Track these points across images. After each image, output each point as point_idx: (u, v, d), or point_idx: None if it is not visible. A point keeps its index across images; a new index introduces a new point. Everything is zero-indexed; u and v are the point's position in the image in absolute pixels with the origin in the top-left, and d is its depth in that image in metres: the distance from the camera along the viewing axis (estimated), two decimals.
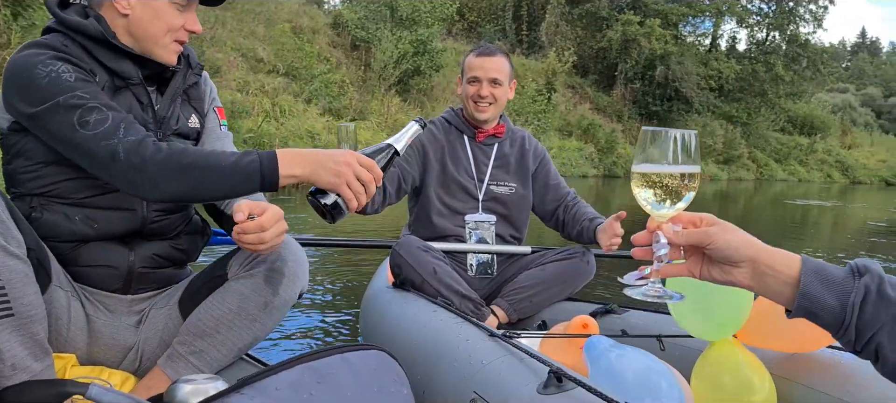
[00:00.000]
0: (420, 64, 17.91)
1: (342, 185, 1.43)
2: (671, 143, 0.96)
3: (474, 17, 29.92)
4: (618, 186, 19.84)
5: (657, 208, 0.99)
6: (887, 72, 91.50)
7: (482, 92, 2.60)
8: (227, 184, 1.42)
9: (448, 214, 2.68)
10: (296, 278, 1.64)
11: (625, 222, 2.52)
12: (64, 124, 1.42)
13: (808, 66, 34.28)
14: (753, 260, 0.94)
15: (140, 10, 1.57)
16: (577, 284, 2.64)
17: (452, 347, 1.82)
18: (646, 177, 0.98)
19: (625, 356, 1.57)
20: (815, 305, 0.91)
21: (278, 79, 13.95)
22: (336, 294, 4.09)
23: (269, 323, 1.65)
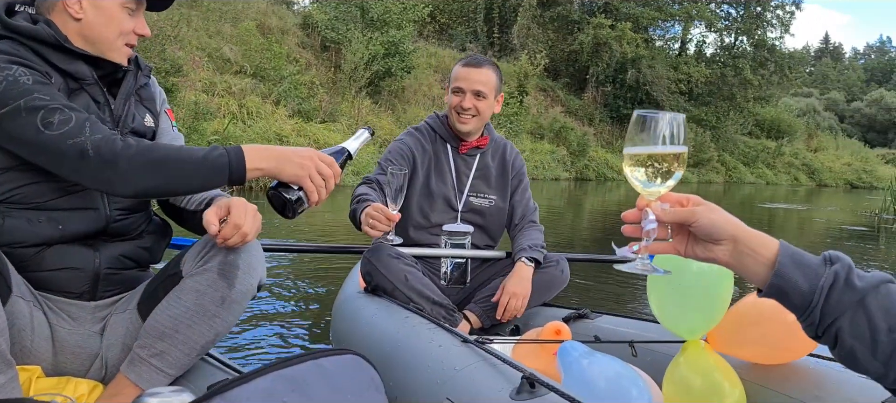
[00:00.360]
0: (391, 65, 17.72)
1: (306, 178, 1.50)
2: (661, 125, 1.02)
3: (445, 19, 29.82)
4: (590, 189, 19.82)
5: (648, 186, 1.05)
6: (849, 77, 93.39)
7: (465, 103, 2.58)
8: (198, 178, 1.46)
9: (426, 225, 2.69)
10: (251, 269, 1.63)
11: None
12: (27, 127, 1.41)
13: (775, 71, 34.67)
14: (734, 238, 1.00)
15: (92, 15, 1.59)
16: (551, 292, 2.64)
17: (425, 353, 1.82)
18: (637, 157, 1.04)
19: (596, 362, 1.59)
20: (788, 285, 0.96)
21: (246, 80, 13.69)
22: (307, 299, 4.06)
23: (229, 317, 1.63)
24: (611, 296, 4.57)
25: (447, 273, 2.67)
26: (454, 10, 30.24)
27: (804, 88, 63.49)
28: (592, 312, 2.50)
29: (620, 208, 8.95)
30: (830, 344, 0.96)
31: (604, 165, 24.76)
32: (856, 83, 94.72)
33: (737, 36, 34.46)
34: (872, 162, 42.02)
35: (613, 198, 17.18)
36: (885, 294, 0.93)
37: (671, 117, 1.03)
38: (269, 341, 3.18)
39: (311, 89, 15.29)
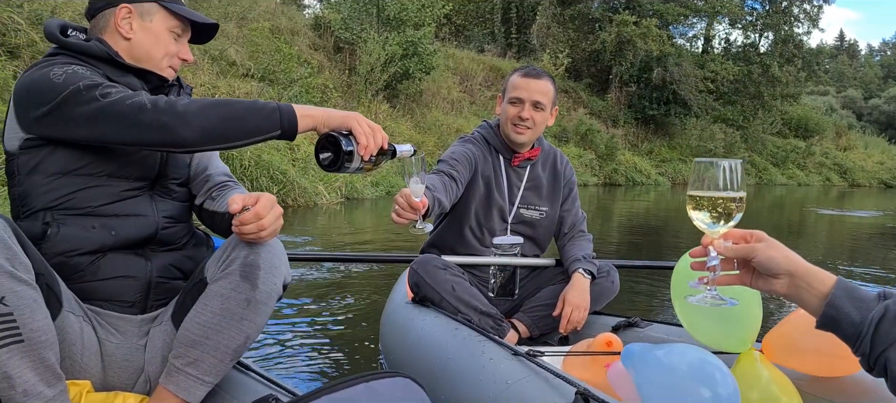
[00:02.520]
0: (409, 66, 16.52)
1: (353, 120, 1.59)
2: (721, 172, 1.16)
3: (461, 20, 28.65)
4: (619, 195, 18.65)
5: (710, 227, 1.18)
6: (866, 74, 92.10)
7: (523, 114, 2.56)
8: (251, 122, 1.52)
9: (480, 235, 2.68)
10: (273, 269, 1.63)
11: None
12: (89, 100, 1.50)
13: (802, 68, 33.48)
14: (791, 274, 1.10)
15: (141, 35, 1.73)
16: (600, 303, 2.61)
17: (475, 367, 1.82)
18: (700, 200, 1.18)
19: (673, 350, 1.53)
20: (840, 315, 1.05)
21: (252, 83, 12.47)
22: (353, 309, 4.07)
23: (257, 319, 1.63)
24: (661, 303, 4.52)
25: (495, 284, 2.67)
26: (470, 11, 29.05)
27: (820, 86, 62.26)
28: (643, 320, 2.46)
29: (651, 216, 11.06)
30: (882, 374, 1.01)
31: (633, 169, 23.48)
32: (873, 80, 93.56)
33: (762, 32, 33.19)
34: None
35: (642, 205, 16.12)
36: None
37: (729, 164, 1.17)
38: (319, 352, 3.18)
39: (325, 93, 14.09)
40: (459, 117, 19.01)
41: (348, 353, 3.21)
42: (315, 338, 3.42)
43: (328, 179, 10.87)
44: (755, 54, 32.40)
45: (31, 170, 1.61)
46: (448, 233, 2.73)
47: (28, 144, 1.59)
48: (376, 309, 3.49)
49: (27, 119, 1.57)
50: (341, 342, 3.37)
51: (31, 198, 1.61)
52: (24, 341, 1.37)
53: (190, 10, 1.82)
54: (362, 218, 10.11)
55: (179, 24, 1.79)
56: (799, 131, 36.34)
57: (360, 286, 4.75)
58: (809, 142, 34.65)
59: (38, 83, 1.55)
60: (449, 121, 18.04)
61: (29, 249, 1.43)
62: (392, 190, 12.90)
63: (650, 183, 23.85)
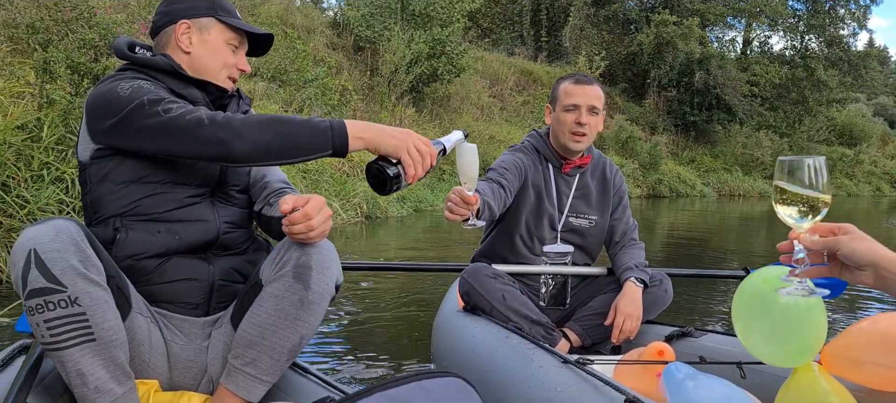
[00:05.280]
0: (438, 67, 14.93)
1: (403, 150, 1.60)
2: (806, 170, 1.18)
3: (488, 22, 27.04)
4: (664, 208, 16.97)
5: (798, 221, 1.21)
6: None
7: (581, 119, 2.56)
8: (304, 139, 1.56)
9: (530, 244, 2.68)
10: (324, 269, 1.68)
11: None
12: (152, 115, 1.59)
13: (848, 72, 31.65)
14: (875, 265, 1.14)
15: (200, 49, 1.85)
16: (654, 311, 2.60)
17: (525, 374, 1.85)
18: (786, 197, 1.21)
19: (703, 384, 1.55)
20: None
21: (261, 83, 10.88)
22: (406, 317, 4.12)
23: (311, 319, 1.69)
24: (714, 313, 4.46)
25: (546, 293, 2.68)
26: (497, 13, 27.42)
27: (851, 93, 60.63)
28: (697, 330, 2.43)
29: (699, 228, 11.21)
30: None
31: (676, 179, 21.73)
32: None
33: (805, 33, 31.36)
34: None
35: (688, 217, 14.71)
36: None
37: (815, 160, 1.19)
38: (373, 358, 3.22)
39: (344, 96, 12.50)
40: (491, 124, 17.40)
41: (400, 360, 3.24)
42: (367, 346, 3.47)
43: (345, 194, 9.30)
44: (799, 57, 30.61)
45: (101, 178, 1.71)
46: (498, 242, 2.73)
47: (98, 155, 1.71)
48: (428, 318, 3.53)
49: (96, 130, 1.68)
50: (393, 349, 3.43)
51: (102, 205, 1.71)
52: (96, 340, 1.47)
53: (245, 23, 1.92)
54: (386, 239, 8.54)
55: (235, 36, 1.89)
56: (844, 138, 34.40)
57: (412, 295, 4.78)
58: (856, 150, 32.66)
59: (106, 96, 1.65)
60: (480, 127, 16.43)
61: (100, 252, 1.52)
62: (420, 205, 11.34)
63: (695, 194, 22.12)
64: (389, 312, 4.26)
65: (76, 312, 1.43)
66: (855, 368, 1.68)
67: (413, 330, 3.82)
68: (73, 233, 1.45)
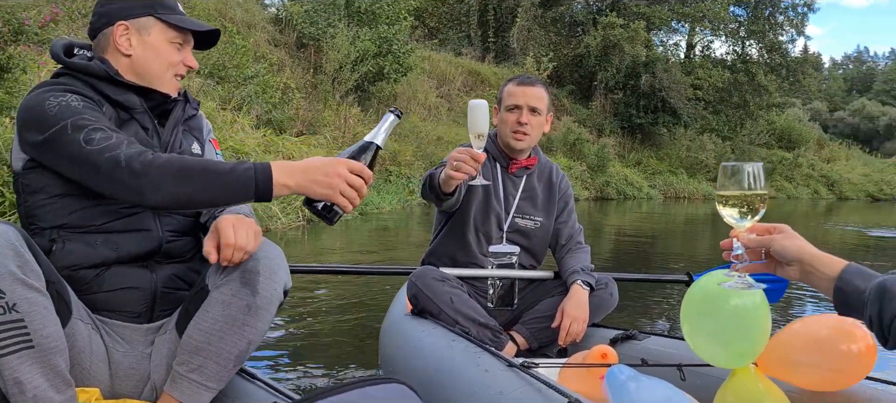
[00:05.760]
0: (384, 66, 14.49)
1: (335, 196, 1.53)
2: (746, 175, 1.32)
3: (435, 22, 26.68)
4: (612, 210, 16.89)
5: (739, 221, 1.34)
6: (831, 86, 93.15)
7: (522, 119, 2.60)
8: (223, 190, 1.50)
9: (479, 242, 2.69)
10: (273, 274, 1.66)
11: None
12: (72, 143, 1.53)
13: (787, 77, 32.37)
14: (801, 260, 1.27)
15: (141, 50, 1.75)
16: (598, 315, 2.62)
17: (470, 377, 1.85)
18: (728, 198, 1.34)
19: (644, 386, 1.56)
20: (848, 287, 1.17)
21: (198, 80, 10.27)
22: (354, 321, 4.08)
23: (259, 324, 1.66)
24: (658, 316, 4.49)
25: (494, 294, 2.68)
26: (444, 12, 27.09)
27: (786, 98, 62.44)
28: (641, 333, 2.47)
29: (645, 230, 11.71)
30: None
31: (624, 182, 21.73)
32: (837, 93, 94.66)
33: (746, 39, 31.92)
34: (889, 172, 39.46)
35: (635, 219, 14.74)
36: None
37: (753, 166, 1.32)
38: (321, 364, 3.21)
39: (286, 94, 11.96)
40: (438, 124, 17.05)
41: (348, 365, 3.22)
42: (315, 351, 3.44)
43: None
44: (740, 62, 31.14)
45: (35, 190, 1.66)
46: (448, 241, 2.73)
47: (29, 165, 1.65)
48: (377, 322, 3.40)
49: (25, 142, 1.63)
50: (341, 354, 3.42)
51: (37, 216, 1.67)
52: (34, 347, 1.42)
53: (188, 19, 1.82)
54: (330, 243, 8.09)
55: (178, 34, 1.79)
56: (783, 142, 35.12)
57: (360, 299, 4.74)
58: (795, 154, 33.36)
59: (34, 110, 1.60)
60: (427, 128, 16.06)
61: (40, 257, 1.47)
62: (366, 208, 10.90)
63: (642, 196, 22.17)
64: (338, 317, 4.23)
65: (14, 318, 1.40)
66: (789, 369, 1.74)
67: (361, 334, 3.81)
68: (12, 238, 1.42)
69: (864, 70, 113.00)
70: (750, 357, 1.65)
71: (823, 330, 1.69)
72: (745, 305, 1.53)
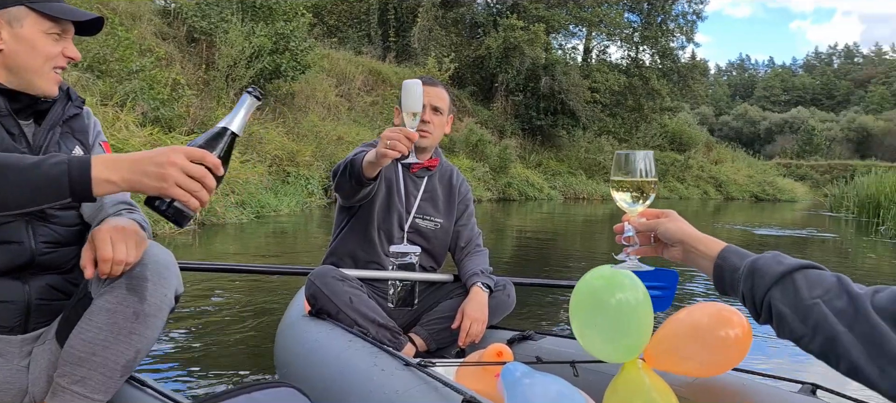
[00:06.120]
0: (281, 63, 13.91)
1: (170, 188, 1.36)
2: (637, 162, 1.40)
3: (334, 20, 26.07)
4: (514, 211, 16.90)
5: (631, 206, 1.42)
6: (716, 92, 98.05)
7: (425, 116, 2.59)
8: (27, 191, 1.33)
9: (380, 241, 2.69)
10: (162, 280, 1.60)
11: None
12: None
13: (678, 82, 33.63)
14: (682, 242, 1.33)
15: (14, 44, 1.61)
16: (497, 317, 2.67)
17: (366, 377, 1.84)
18: (621, 184, 1.42)
19: (538, 382, 1.63)
20: (726, 264, 1.25)
21: (75, 73, 9.47)
22: (251, 324, 3.98)
23: (148, 332, 1.60)
24: (555, 318, 4.59)
25: (394, 294, 2.65)
26: (343, 10, 26.51)
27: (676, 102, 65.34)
28: (537, 334, 2.51)
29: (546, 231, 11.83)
30: (768, 318, 1.16)
31: (525, 182, 21.82)
32: (722, 98, 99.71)
33: (640, 44, 32.94)
34: (770, 173, 41.57)
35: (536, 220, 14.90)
36: (810, 274, 1.13)
37: (644, 154, 1.40)
38: (216, 369, 3.14)
39: (175, 90, 11.24)
40: (339, 124, 16.54)
41: (245, 370, 3.16)
42: (210, 357, 3.34)
43: None
44: (635, 66, 32.07)
45: None
46: (350, 238, 2.72)
47: None
48: (274, 324, 3.15)
49: None
50: (237, 359, 3.34)
51: None
52: None
53: (65, 7, 1.67)
54: (223, 247, 7.61)
55: (55, 24, 1.65)
56: (675, 144, 36.35)
57: (258, 302, 4.60)
58: (686, 156, 34.61)
59: None
60: (327, 128, 15.54)
61: None
62: (263, 210, 10.37)
63: (543, 197, 22.34)
64: (234, 321, 4.11)
65: None
66: (673, 360, 1.79)
67: (258, 338, 3.72)
68: None
69: (746, 77, 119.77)
70: (635, 351, 1.69)
71: (704, 317, 1.75)
72: (628, 300, 1.55)
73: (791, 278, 1.13)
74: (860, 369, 1.04)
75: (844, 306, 1.06)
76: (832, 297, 1.08)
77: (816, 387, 1.82)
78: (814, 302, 1.09)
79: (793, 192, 39.81)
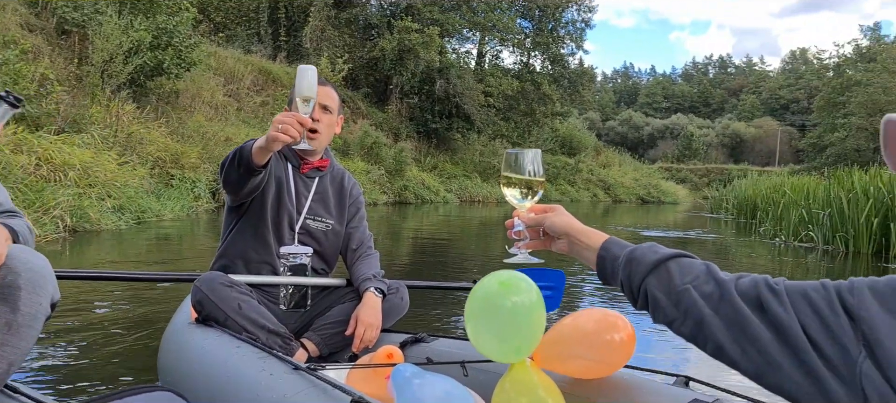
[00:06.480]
0: (163, 59, 13.08)
1: None
2: (525, 160, 1.45)
3: (221, 17, 25.01)
4: (410, 214, 16.63)
5: (520, 202, 1.46)
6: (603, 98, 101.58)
7: (314, 115, 2.50)
8: None
9: (272, 241, 2.64)
10: (36, 288, 1.56)
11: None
12: None
13: (568, 87, 34.44)
14: (568, 234, 1.37)
15: None
16: (390, 320, 2.67)
17: (254, 382, 1.82)
18: (511, 181, 1.46)
19: (428, 382, 1.65)
20: (607, 255, 1.29)
21: None
22: (135, 334, 3.81)
23: (21, 344, 1.55)
24: (448, 321, 4.58)
25: (286, 297, 2.65)
26: (231, 8, 25.49)
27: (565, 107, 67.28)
28: (429, 336, 2.52)
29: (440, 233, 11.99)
30: (644, 304, 1.20)
31: (421, 185, 21.59)
32: (608, 104, 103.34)
33: (532, 50, 33.51)
34: (654, 177, 43.20)
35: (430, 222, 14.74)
36: (683, 262, 1.18)
37: (533, 153, 1.45)
38: (94, 380, 3.03)
39: (43, 86, 10.30)
40: (227, 125, 15.79)
41: (126, 380, 3.04)
42: (90, 367, 3.19)
43: (41, 204, 7.45)
44: (527, 72, 32.55)
45: None
46: (242, 239, 2.64)
47: None
48: (158, 334, 3.04)
49: None
50: (119, 369, 3.19)
51: None
52: None
53: None
54: (99, 256, 6.92)
55: None
56: (565, 148, 37.17)
57: (141, 310, 4.40)
58: (576, 159, 35.44)
59: None
60: (214, 128, 14.78)
61: None
62: (144, 215, 9.65)
63: (440, 200, 22.18)
64: (116, 330, 3.90)
65: None
66: (561, 361, 1.83)
67: (142, 347, 3.57)
68: None
69: (630, 84, 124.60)
70: (526, 352, 1.71)
71: (590, 322, 1.80)
72: (523, 303, 1.57)
73: (665, 266, 1.19)
74: (724, 350, 1.10)
75: (712, 290, 1.12)
76: (701, 283, 1.14)
77: (689, 379, 1.90)
78: (685, 287, 1.14)
79: (675, 195, 41.54)
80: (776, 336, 1.03)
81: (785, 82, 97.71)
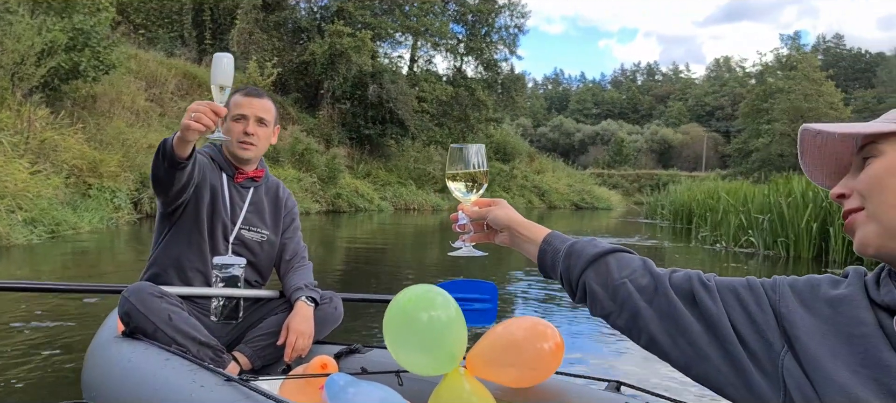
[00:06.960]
0: (80, 61, 12.31)
1: None
2: (470, 154, 1.46)
3: (142, 19, 24.04)
4: (344, 223, 16.20)
5: (465, 195, 1.47)
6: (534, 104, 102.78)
7: (248, 129, 2.58)
8: None
9: (206, 250, 2.60)
10: None
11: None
12: None
13: (502, 93, 34.47)
14: (510, 228, 1.37)
15: None
16: (324, 330, 2.65)
17: (185, 396, 1.78)
18: (456, 175, 1.46)
19: (363, 391, 1.65)
20: (549, 248, 1.29)
21: None
22: (54, 348, 3.65)
23: None
24: None
25: (218, 308, 2.61)
26: (152, 9, 24.53)
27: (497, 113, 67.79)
28: (364, 347, 2.52)
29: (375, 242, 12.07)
30: (582, 297, 1.23)
31: (354, 193, 21.10)
32: (539, 110, 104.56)
33: (465, 55, 33.42)
34: (588, 182, 43.66)
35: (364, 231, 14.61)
36: (621, 256, 1.21)
37: (477, 147, 1.47)
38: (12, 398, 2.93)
39: None
40: (149, 131, 15.03)
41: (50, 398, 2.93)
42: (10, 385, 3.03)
43: None
44: (461, 77, 32.42)
45: None
46: (174, 246, 2.58)
47: None
48: (81, 349, 2.92)
49: None
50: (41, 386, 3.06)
51: None
52: None
53: None
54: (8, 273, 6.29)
55: None
56: (500, 154, 37.17)
57: (62, 325, 4.18)
58: (511, 166, 35.45)
59: None
60: (136, 135, 14.02)
61: None
62: (58, 228, 8.97)
63: (374, 208, 21.73)
64: (34, 346, 3.72)
65: None
66: (493, 369, 1.86)
67: (64, 364, 3.42)
68: None
69: (560, 91, 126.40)
70: (452, 362, 1.72)
71: (520, 331, 1.83)
72: (440, 317, 1.60)
73: (604, 260, 1.21)
74: (656, 340, 1.13)
75: (647, 283, 1.15)
76: (637, 276, 1.17)
77: (620, 384, 1.92)
78: (622, 281, 1.17)
79: (609, 200, 42.05)
80: (706, 328, 1.07)
81: (710, 89, 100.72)
